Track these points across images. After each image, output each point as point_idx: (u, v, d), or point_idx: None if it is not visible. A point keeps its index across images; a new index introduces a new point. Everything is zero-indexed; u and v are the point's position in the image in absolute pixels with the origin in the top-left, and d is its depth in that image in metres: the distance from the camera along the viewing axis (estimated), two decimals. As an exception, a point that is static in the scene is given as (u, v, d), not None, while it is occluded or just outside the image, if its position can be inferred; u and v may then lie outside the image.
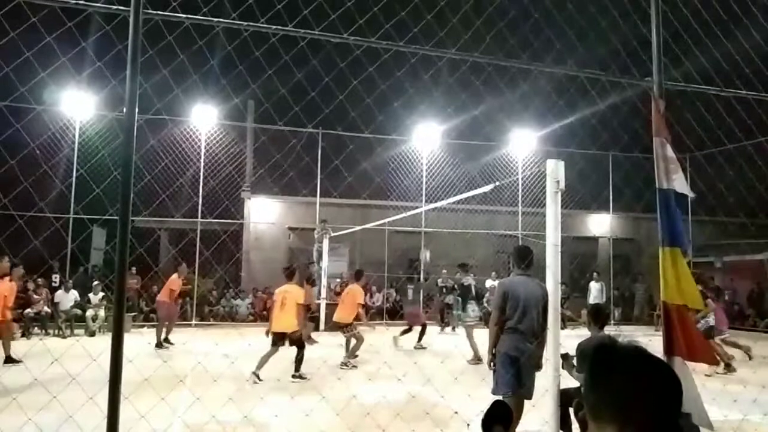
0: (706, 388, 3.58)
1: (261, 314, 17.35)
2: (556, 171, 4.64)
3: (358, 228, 16.96)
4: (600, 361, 1.27)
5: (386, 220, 15.40)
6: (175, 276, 12.90)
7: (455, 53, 4.65)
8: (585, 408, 1.26)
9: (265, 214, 19.98)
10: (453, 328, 16.37)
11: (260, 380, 8.52)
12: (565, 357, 5.00)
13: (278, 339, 8.90)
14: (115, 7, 3.89)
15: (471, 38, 4.71)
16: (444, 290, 16.86)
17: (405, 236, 19.56)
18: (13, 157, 4.63)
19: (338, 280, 17.81)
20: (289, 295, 9.07)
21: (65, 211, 15.71)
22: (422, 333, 13.08)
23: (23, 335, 13.22)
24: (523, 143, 20.36)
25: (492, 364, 5.33)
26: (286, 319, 8.93)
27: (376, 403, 6.91)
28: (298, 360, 8.95)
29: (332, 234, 16.97)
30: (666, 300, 4.35)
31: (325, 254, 16.79)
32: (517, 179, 19.00)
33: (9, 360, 9.73)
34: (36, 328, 13.90)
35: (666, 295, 4.35)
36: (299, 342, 9.03)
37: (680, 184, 4.52)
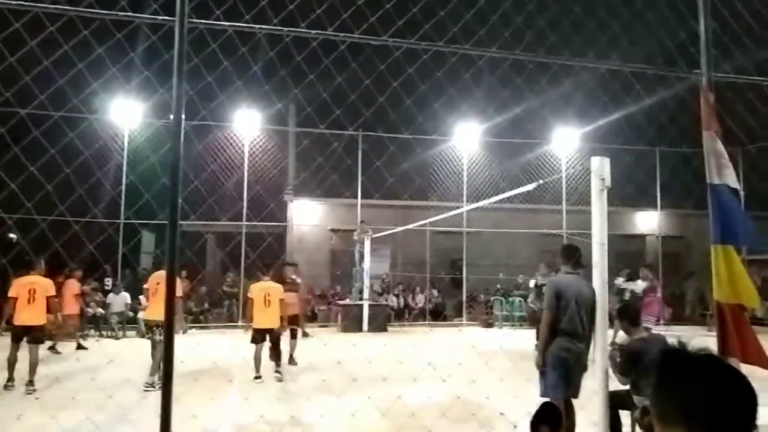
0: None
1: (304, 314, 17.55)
2: (601, 168, 4.55)
3: (399, 229, 16.96)
4: (670, 364, 1.25)
5: (427, 221, 15.35)
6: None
7: (495, 51, 4.61)
8: (651, 411, 1.24)
9: (307, 217, 20.19)
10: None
11: None
12: (610, 358, 4.90)
13: None
14: (161, 17, 4.01)
15: (511, 36, 4.66)
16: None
17: (446, 236, 19.47)
18: (68, 166, 4.82)
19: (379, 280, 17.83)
20: None
21: (116, 217, 16.23)
22: None
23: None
24: (566, 140, 20.01)
25: (541, 365, 5.25)
26: None
27: (421, 404, 6.90)
28: None
29: (373, 235, 17.01)
30: (719, 299, 4.21)
31: (367, 255, 16.85)
32: (561, 177, 18.68)
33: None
34: (91, 329, 14.40)
35: (719, 294, 4.20)
36: None
37: (732, 179, 4.36)
